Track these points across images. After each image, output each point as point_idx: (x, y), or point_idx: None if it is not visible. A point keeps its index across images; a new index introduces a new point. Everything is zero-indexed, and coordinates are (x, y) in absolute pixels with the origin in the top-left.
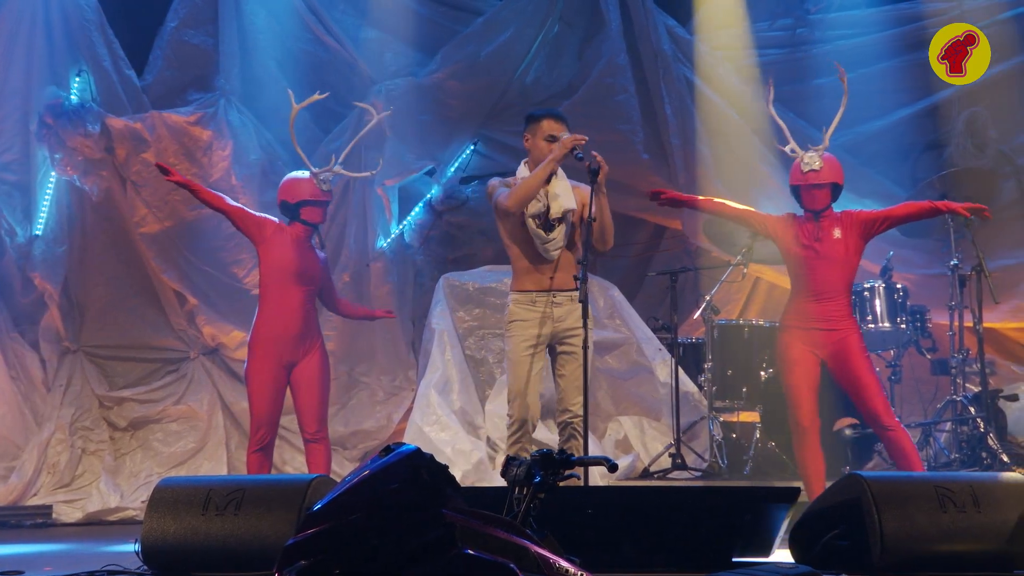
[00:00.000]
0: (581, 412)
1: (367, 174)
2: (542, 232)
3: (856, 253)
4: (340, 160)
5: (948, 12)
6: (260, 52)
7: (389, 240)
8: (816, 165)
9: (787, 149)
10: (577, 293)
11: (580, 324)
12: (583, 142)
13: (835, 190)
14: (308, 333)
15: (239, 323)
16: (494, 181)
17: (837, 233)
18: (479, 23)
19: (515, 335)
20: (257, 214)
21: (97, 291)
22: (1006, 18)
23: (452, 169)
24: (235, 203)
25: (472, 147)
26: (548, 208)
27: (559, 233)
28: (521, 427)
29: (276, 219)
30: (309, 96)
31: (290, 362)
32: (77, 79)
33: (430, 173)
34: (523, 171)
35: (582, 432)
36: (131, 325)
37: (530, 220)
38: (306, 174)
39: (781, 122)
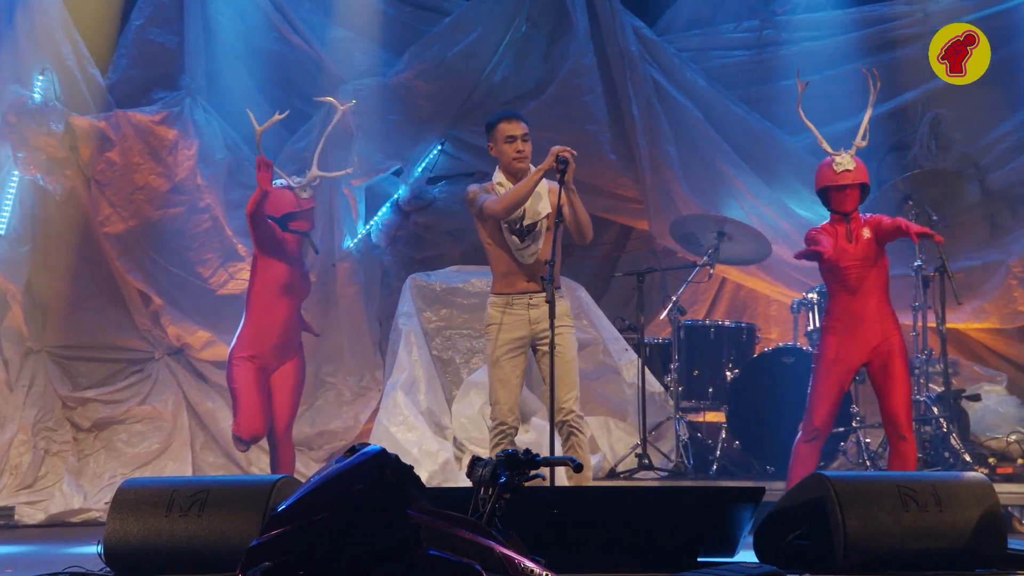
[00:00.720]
0: (575, 408)
1: (345, 172)
2: (516, 239)
3: (883, 258)
4: (315, 163)
5: (912, 15)
6: (226, 51)
7: (356, 240)
8: (851, 166)
9: (829, 152)
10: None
11: (559, 323)
12: (565, 154)
13: (864, 191)
14: (291, 343)
15: (204, 323)
16: (473, 188)
17: (867, 233)
18: (446, 23)
19: (492, 338)
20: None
21: (61, 291)
22: (969, 21)
23: (419, 169)
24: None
25: (439, 147)
26: (523, 214)
27: (533, 238)
28: (502, 430)
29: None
30: (277, 95)
31: (272, 369)
32: (41, 77)
33: (397, 173)
34: (499, 176)
35: (581, 428)
36: (95, 325)
37: (503, 226)
38: (282, 183)
39: (810, 124)
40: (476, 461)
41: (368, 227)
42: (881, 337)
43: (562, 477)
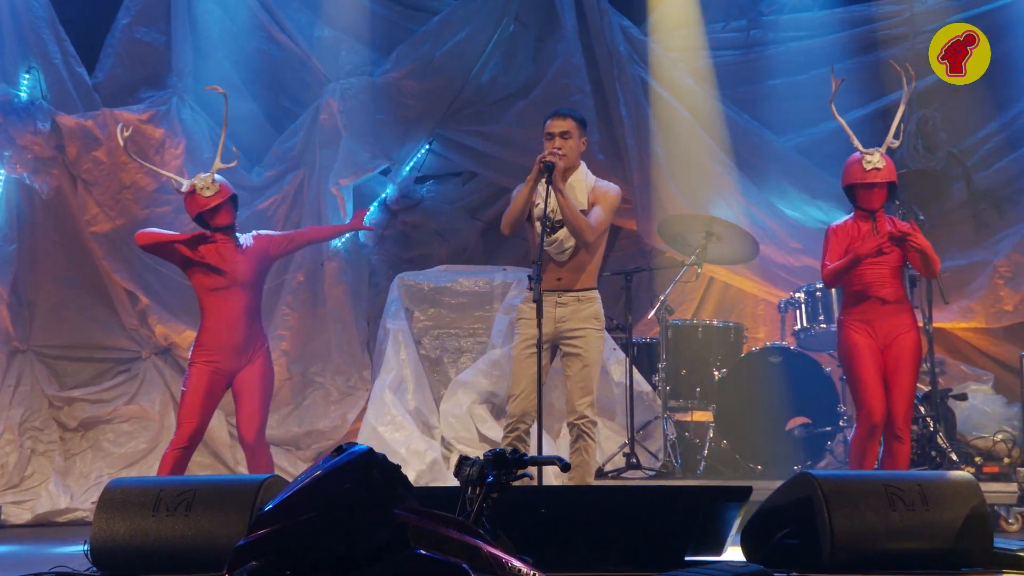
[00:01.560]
0: (588, 413)
1: (231, 164)
2: (546, 235)
3: (902, 256)
4: (217, 157)
5: (899, 15)
6: (213, 50)
7: (344, 240)
8: (880, 164)
9: (861, 151)
10: (584, 294)
11: (584, 325)
12: (550, 159)
13: (891, 189)
14: (251, 340)
15: (191, 323)
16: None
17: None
18: (434, 23)
19: (518, 333)
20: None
21: (47, 290)
22: (955, 21)
23: (407, 169)
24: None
25: (427, 147)
26: (552, 211)
27: (563, 234)
28: (516, 425)
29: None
30: (264, 94)
31: (233, 370)
32: (27, 76)
33: (385, 172)
34: None
35: (591, 433)
36: (82, 324)
37: (536, 223)
38: (184, 189)
39: (841, 120)
40: (464, 460)
41: None
42: (895, 334)
43: (551, 477)
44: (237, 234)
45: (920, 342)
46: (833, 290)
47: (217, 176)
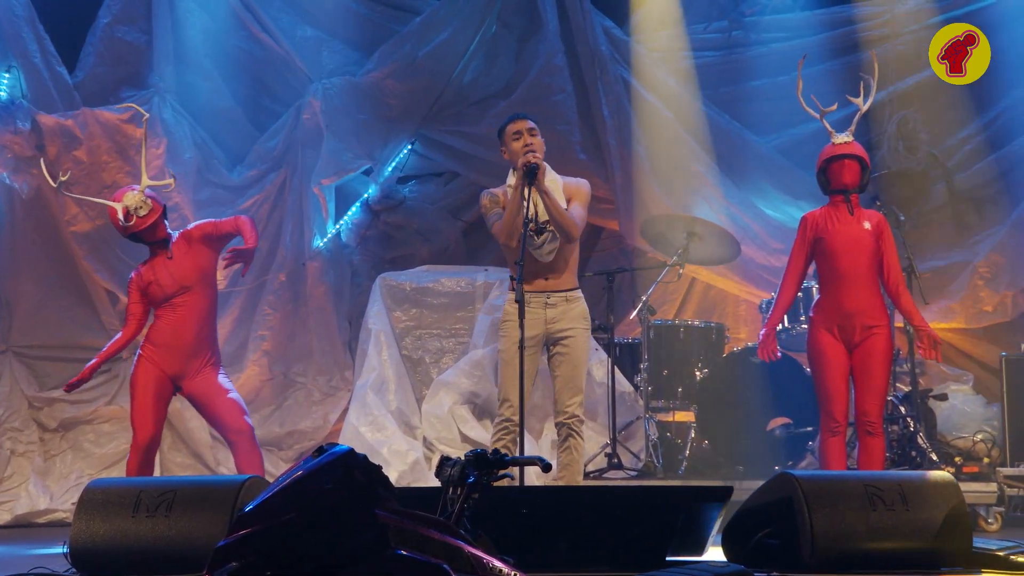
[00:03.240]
0: (577, 412)
1: (166, 182)
2: (534, 237)
3: (878, 253)
4: (142, 174)
5: (879, 16)
6: (194, 49)
7: (326, 240)
8: (849, 139)
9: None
10: (571, 294)
11: (574, 325)
12: (531, 162)
13: (864, 175)
14: (201, 346)
15: None
16: (485, 198)
17: (867, 225)
18: (417, 23)
19: (506, 335)
20: (132, 291)
21: (27, 290)
22: (935, 23)
23: (389, 169)
24: (123, 329)
25: (410, 147)
26: (536, 213)
27: (549, 236)
28: (506, 427)
29: (136, 268)
30: (246, 93)
31: (177, 374)
32: (7, 75)
33: (367, 172)
34: (511, 178)
35: (580, 432)
36: (62, 325)
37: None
38: (119, 215)
39: (809, 109)
40: (445, 461)
41: (338, 227)
42: (865, 335)
43: (533, 477)
44: (170, 236)
45: (891, 342)
46: (815, 290)
47: (146, 193)
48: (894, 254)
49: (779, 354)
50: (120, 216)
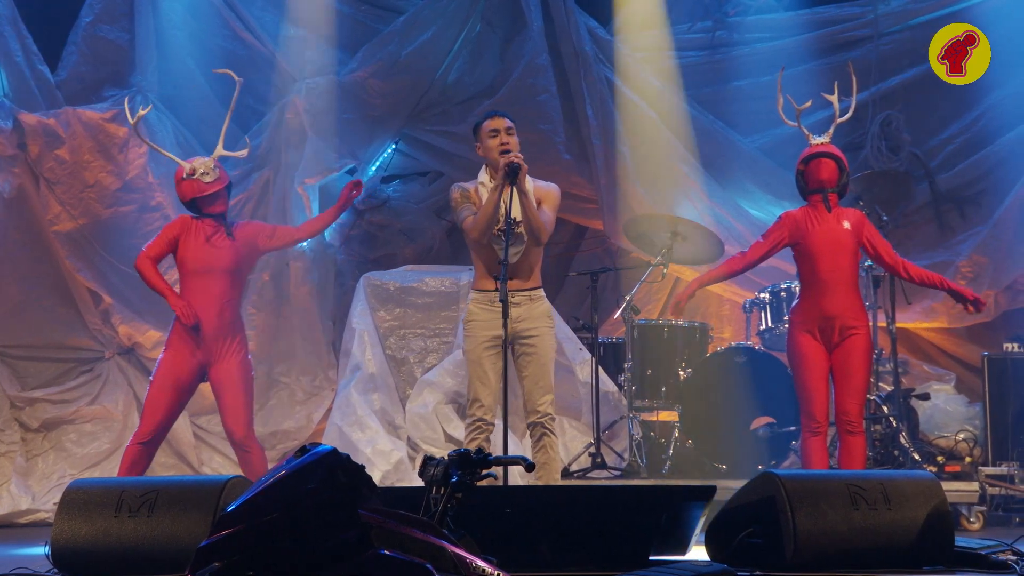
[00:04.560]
0: (549, 411)
1: (241, 153)
2: (500, 236)
3: (858, 253)
4: (220, 143)
5: (863, 17)
6: (177, 48)
7: (309, 239)
8: (826, 140)
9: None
10: (535, 292)
11: (538, 324)
12: (514, 162)
13: (841, 175)
14: (226, 330)
15: (155, 322)
16: (456, 192)
17: (847, 224)
18: (400, 22)
19: (472, 335)
20: (168, 227)
21: (9, 290)
22: (918, 23)
23: (373, 168)
24: (159, 247)
25: (394, 146)
26: (508, 214)
27: (517, 237)
28: (478, 426)
29: (189, 215)
30: (228, 93)
31: (204, 361)
32: None
33: (351, 172)
34: (483, 175)
35: (553, 430)
36: (44, 324)
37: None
38: (183, 172)
39: (790, 122)
40: (428, 460)
41: None
42: (844, 336)
43: (516, 477)
44: (228, 221)
45: (871, 342)
46: (798, 289)
47: (217, 161)
48: (881, 238)
49: (683, 307)
50: (185, 172)
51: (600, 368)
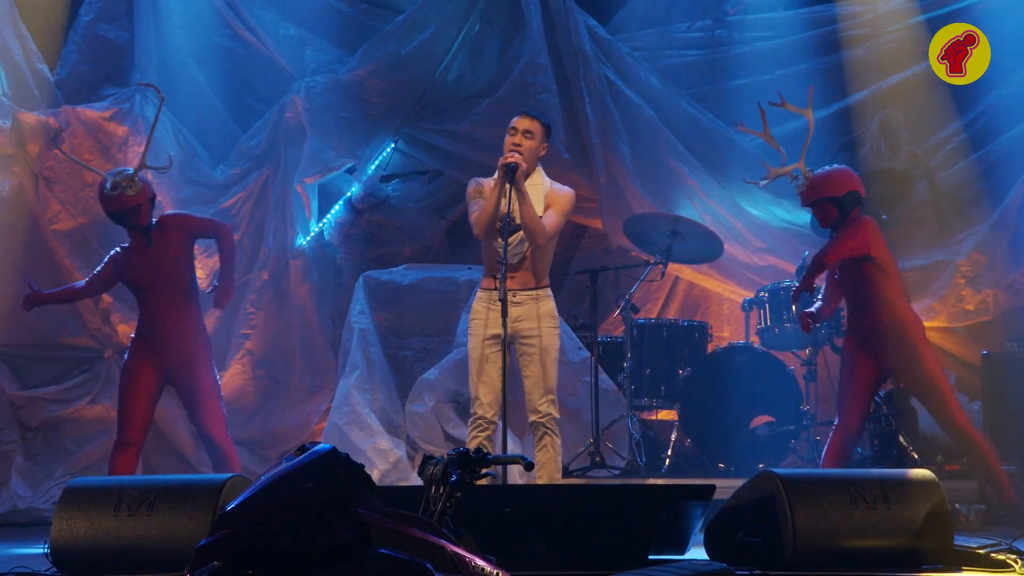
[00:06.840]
0: (552, 410)
1: (164, 167)
2: (500, 237)
3: (869, 259)
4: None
5: (863, 16)
6: (177, 47)
7: (309, 238)
8: (800, 190)
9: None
10: (539, 292)
11: (540, 324)
12: (510, 161)
13: (837, 202)
14: (184, 340)
15: None
16: (471, 187)
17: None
18: (400, 21)
19: (474, 332)
20: (101, 267)
21: (8, 289)
22: (917, 22)
23: (373, 167)
24: (86, 281)
25: (393, 145)
26: (507, 213)
27: (518, 237)
28: (480, 424)
29: (118, 248)
30: (228, 92)
31: (167, 366)
32: None
33: (350, 171)
34: (498, 172)
35: (554, 429)
36: (44, 323)
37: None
38: (105, 185)
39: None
40: (427, 460)
41: (321, 225)
42: (897, 362)
43: (515, 476)
44: (151, 225)
45: (933, 369)
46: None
47: (140, 175)
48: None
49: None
50: (108, 185)
51: (599, 367)
